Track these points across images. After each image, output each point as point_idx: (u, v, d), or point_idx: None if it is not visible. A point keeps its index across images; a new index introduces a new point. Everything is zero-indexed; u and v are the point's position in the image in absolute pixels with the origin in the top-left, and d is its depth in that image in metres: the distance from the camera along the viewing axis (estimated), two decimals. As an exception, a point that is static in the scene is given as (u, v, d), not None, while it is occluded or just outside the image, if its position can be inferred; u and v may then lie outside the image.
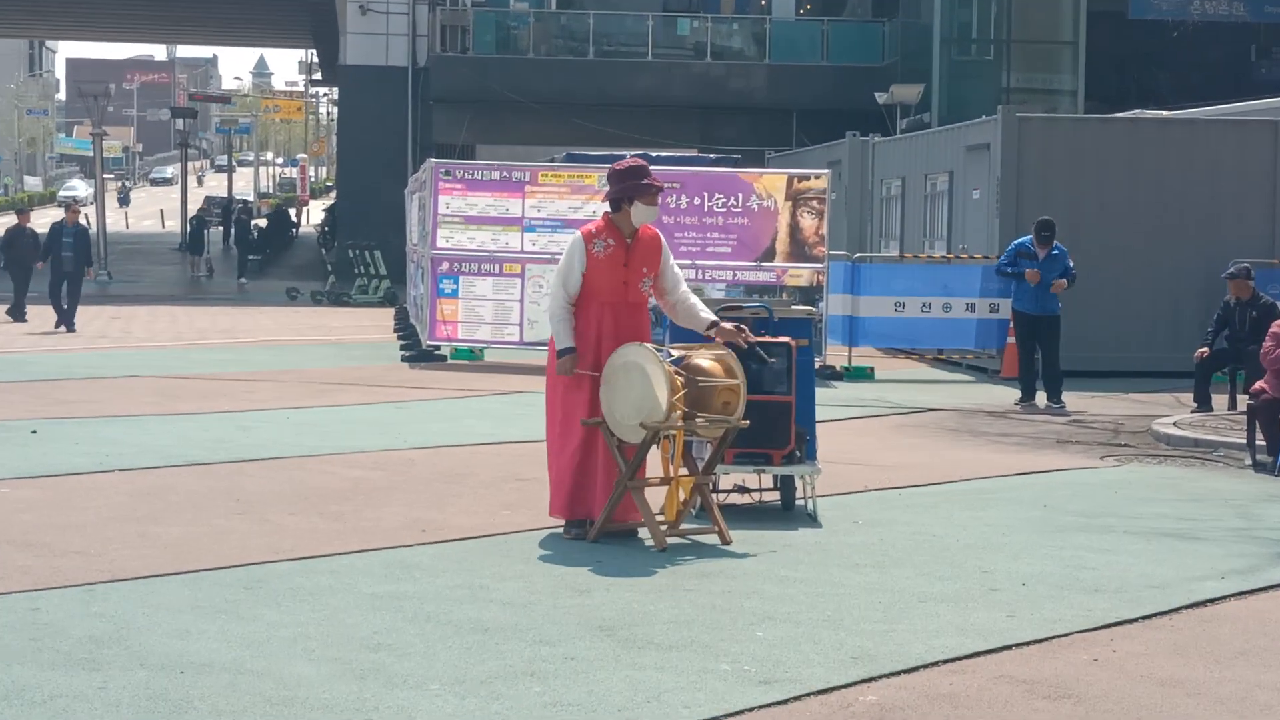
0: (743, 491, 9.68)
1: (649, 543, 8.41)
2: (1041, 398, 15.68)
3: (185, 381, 16.93)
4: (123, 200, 76.79)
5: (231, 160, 74.04)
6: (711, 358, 8.60)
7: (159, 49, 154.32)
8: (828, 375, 17.79)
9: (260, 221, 53.11)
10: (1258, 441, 11.74)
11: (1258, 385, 11.84)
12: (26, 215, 27.69)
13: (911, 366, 19.96)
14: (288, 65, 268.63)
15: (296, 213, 68.49)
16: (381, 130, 40.31)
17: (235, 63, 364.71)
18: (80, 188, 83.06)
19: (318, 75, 79.98)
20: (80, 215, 26.66)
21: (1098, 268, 17.97)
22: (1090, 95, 34.08)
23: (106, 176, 55.74)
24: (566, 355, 8.54)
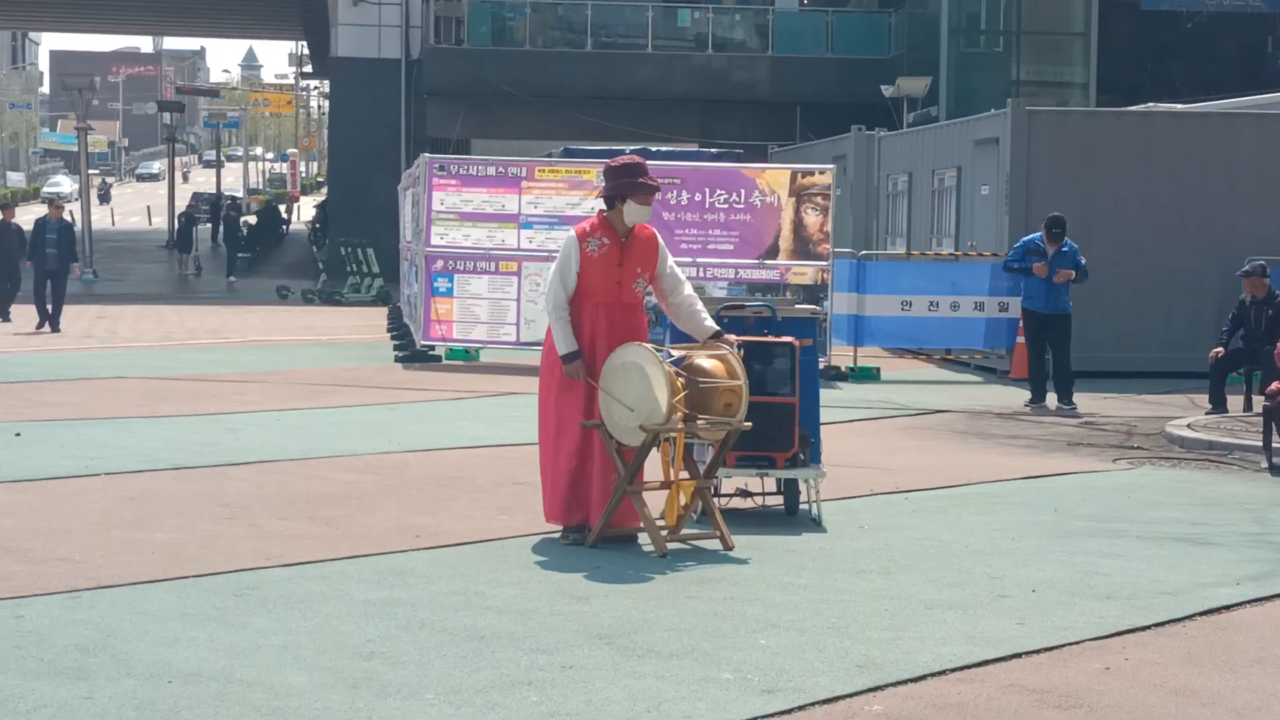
0: (745, 495, 9.60)
1: (649, 548, 8.34)
2: (1052, 399, 15.54)
3: (173, 383, 16.80)
4: (103, 197, 76.02)
5: (220, 155, 73.73)
6: (713, 358, 8.49)
7: (145, 41, 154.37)
8: (832, 376, 17.68)
9: (250, 218, 52.92)
10: (1274, 444, 11.64)
11: (1274, 386, 11.73)
12: (11, 211, 27.43)
13: (918, 367, 19.83)
14: (277, 58, 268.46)
15: (287, 209, 68.36)
16: (374, 124, 40.11)
17: (224, 55, 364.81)
18: (65, 183, 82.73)
19: (308, 68, 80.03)
20: (65, 211, 26.51)
21: (1110, 265, 17.73)
22: (1102, 88, 33.94)
23: (91, 172, 55.55)
24: (574, 361, 8.42)
